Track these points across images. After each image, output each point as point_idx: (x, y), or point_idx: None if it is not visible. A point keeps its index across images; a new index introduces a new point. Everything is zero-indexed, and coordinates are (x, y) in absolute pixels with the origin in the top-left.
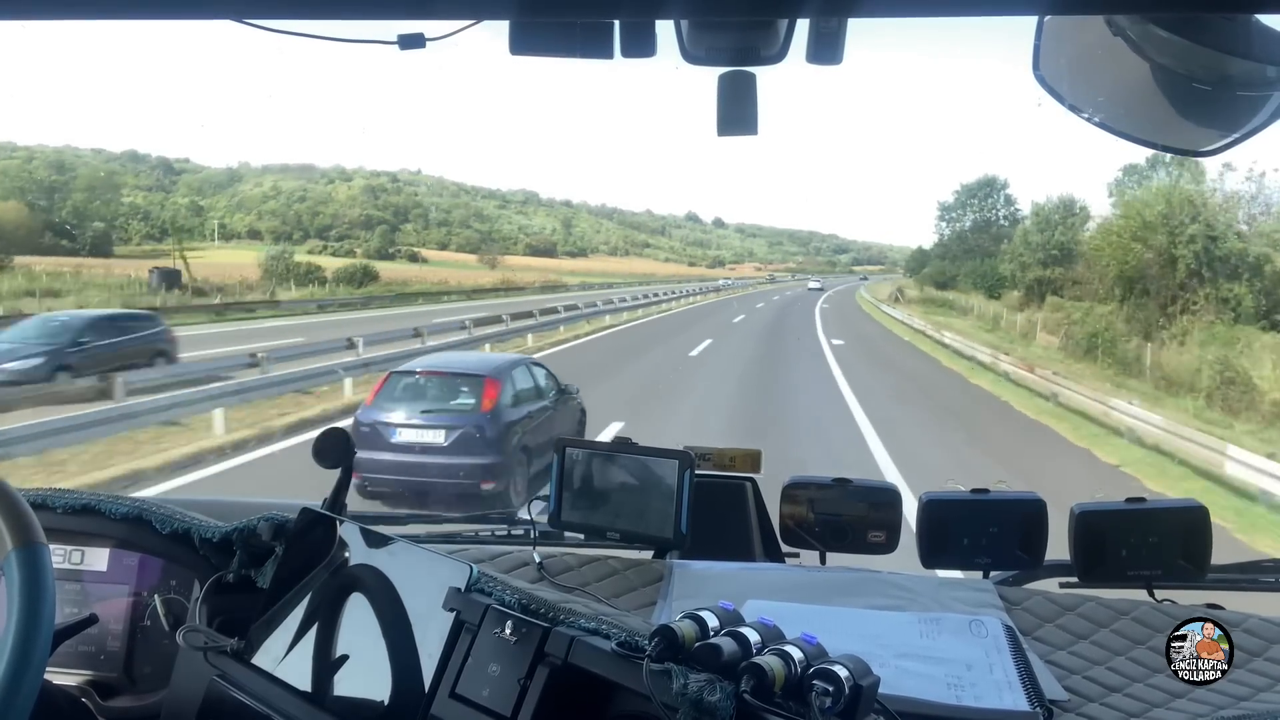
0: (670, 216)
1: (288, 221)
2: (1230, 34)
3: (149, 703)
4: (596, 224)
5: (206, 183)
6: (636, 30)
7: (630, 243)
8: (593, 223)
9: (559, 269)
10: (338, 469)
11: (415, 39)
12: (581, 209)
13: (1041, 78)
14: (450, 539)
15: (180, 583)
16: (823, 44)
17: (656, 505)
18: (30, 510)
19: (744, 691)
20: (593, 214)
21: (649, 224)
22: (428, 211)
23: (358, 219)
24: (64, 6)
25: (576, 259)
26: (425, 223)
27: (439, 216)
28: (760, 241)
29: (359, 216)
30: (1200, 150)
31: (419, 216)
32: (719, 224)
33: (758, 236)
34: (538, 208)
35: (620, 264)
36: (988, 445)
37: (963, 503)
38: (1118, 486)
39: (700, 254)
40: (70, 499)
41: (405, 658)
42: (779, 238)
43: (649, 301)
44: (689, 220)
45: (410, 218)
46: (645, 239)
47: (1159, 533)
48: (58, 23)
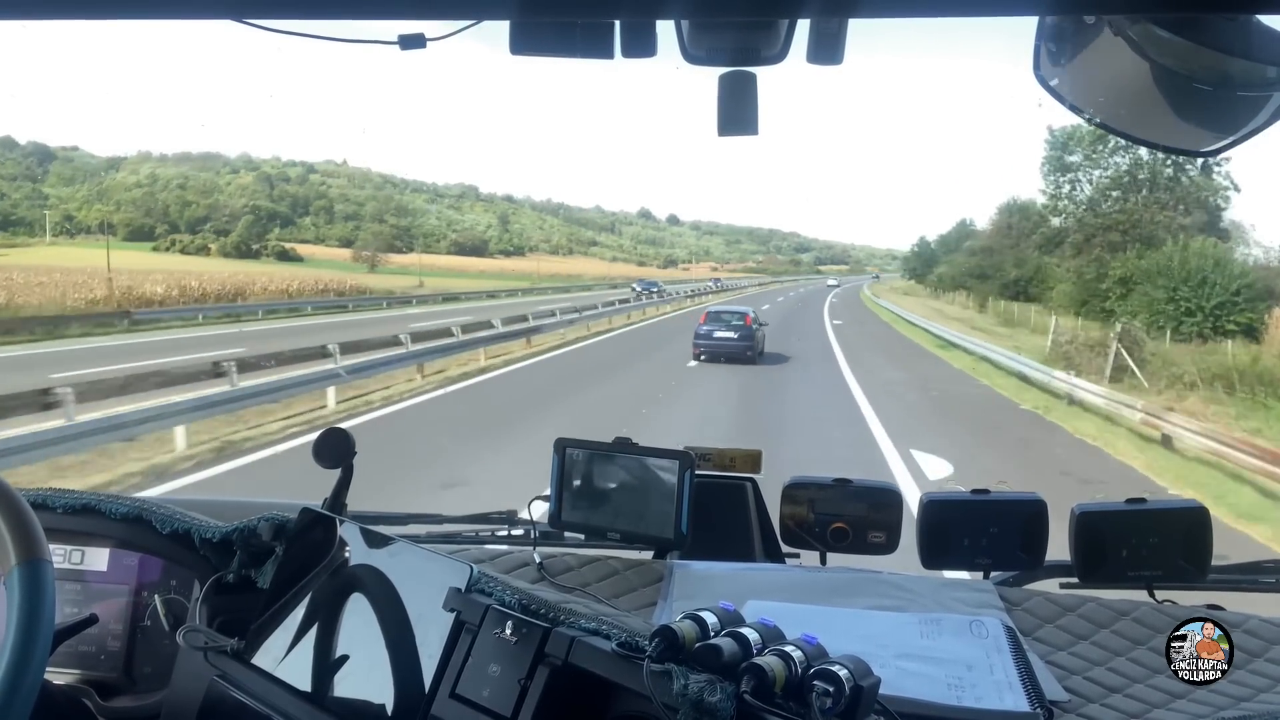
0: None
1: (152, 214)
2: (1231, 34)
3: (149, 703)
4: (540, 220)
5: (80, 171)
6: (637, 30)
7: (575, 240)
8: (535, 219)
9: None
10: (337, 469)
11: (415, 39)
12: (524, 204)
13: (1042, 78)
14: (450, 539)
15: (180, 583)
16: (823, 44)
17: (657, 505)
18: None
19: (744, 692)
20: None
21: (598, 220)
22: (332, 204)
23: (240, 210)
24: (64, 6)
25: (512, 258)
26: (329, 216)
27: (347, 210)
28: (717, 240)
29: (243, 208)
30: (1201, 150)
31: (322, 209)
32: (674, 221)
33: (715, 234)
34: (475, 202)
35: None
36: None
37: (963, 503)
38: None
39: (652, 252)
40: (70, 499)
41: (405, 658)
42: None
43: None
44: (641, 217)
45: (312, 210)
46: (593, 236)
47: (1159, 533)
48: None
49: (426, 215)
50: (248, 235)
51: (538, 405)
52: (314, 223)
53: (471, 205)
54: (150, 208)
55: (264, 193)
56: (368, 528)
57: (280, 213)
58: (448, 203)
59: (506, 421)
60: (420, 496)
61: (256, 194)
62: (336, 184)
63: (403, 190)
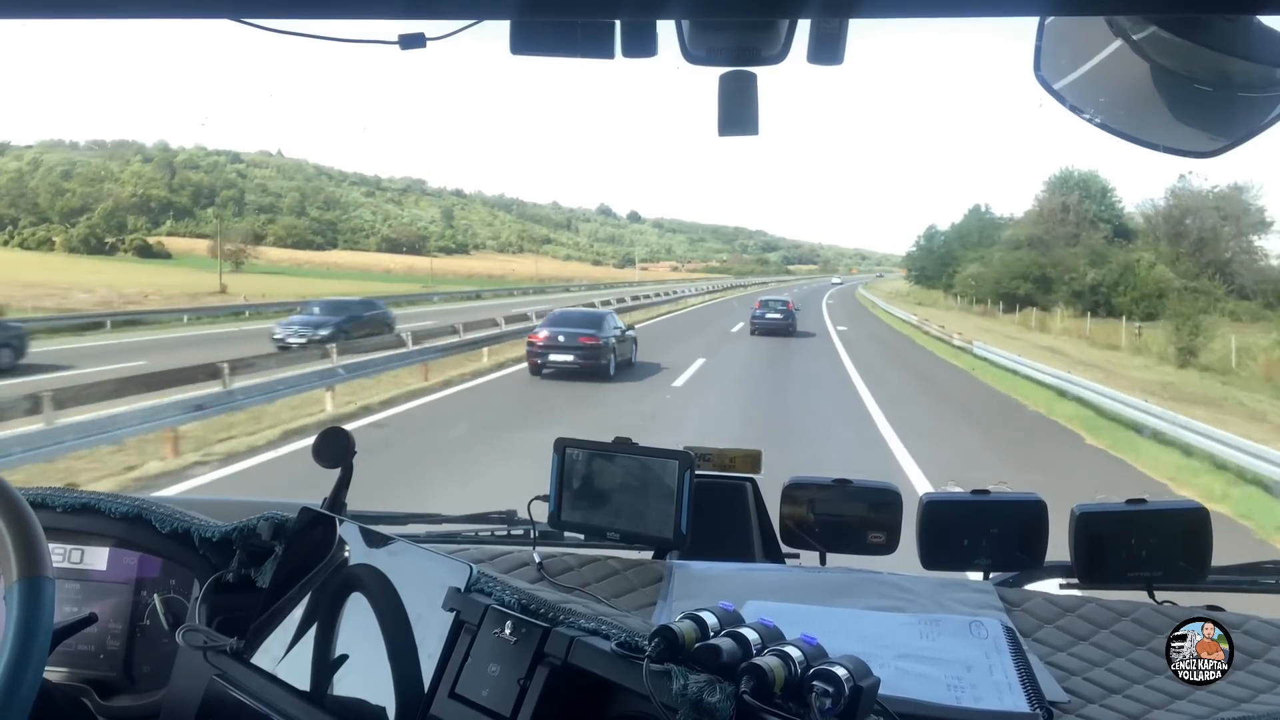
0: (579, 209)
1: (18, 203)
2: (1231, 35)
3: (148, 702)
4: (490, 215)
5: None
6: (637, 30)
7: (527, 238)
8: (484, 214)
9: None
10: (337, 469)
11: (416, 39)
12: (475, 199)
13: (1043, 79)
14: (450, 539)
15: (180, 582)
16: (823, 44)
17: (656, 505)
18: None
19: (744, 692)
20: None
21: (553, 217)
22: (243, 194)
23: (129, 200)
24: (64, 6)
25: (454, 256)
26: (238, 208)
27: (261, 201)
28: (680, 238)
29: (131, 198)
30: (1202, 151)
31: (230, 200)
32: (635, 218)
33: (678, 232)
34: (420, 197)
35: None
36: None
37: (963, 504)
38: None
39: (610, 251)
40: (70, 498)
41: (405, 658)
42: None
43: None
44: (601, 214)
45: (218, 201)
46: (547, 233)
47: (1159, 534)
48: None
49: (361, 209)
50: (104, 228)
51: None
52: (217, 214)
53: (417, 200)
54: (19, 195)
55: (162, 181)
56: (367, 527)
57: (177, 203)
58: (388, 196)
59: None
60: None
61: (153, 183)
62: (262, 174)
63: (339, 183)
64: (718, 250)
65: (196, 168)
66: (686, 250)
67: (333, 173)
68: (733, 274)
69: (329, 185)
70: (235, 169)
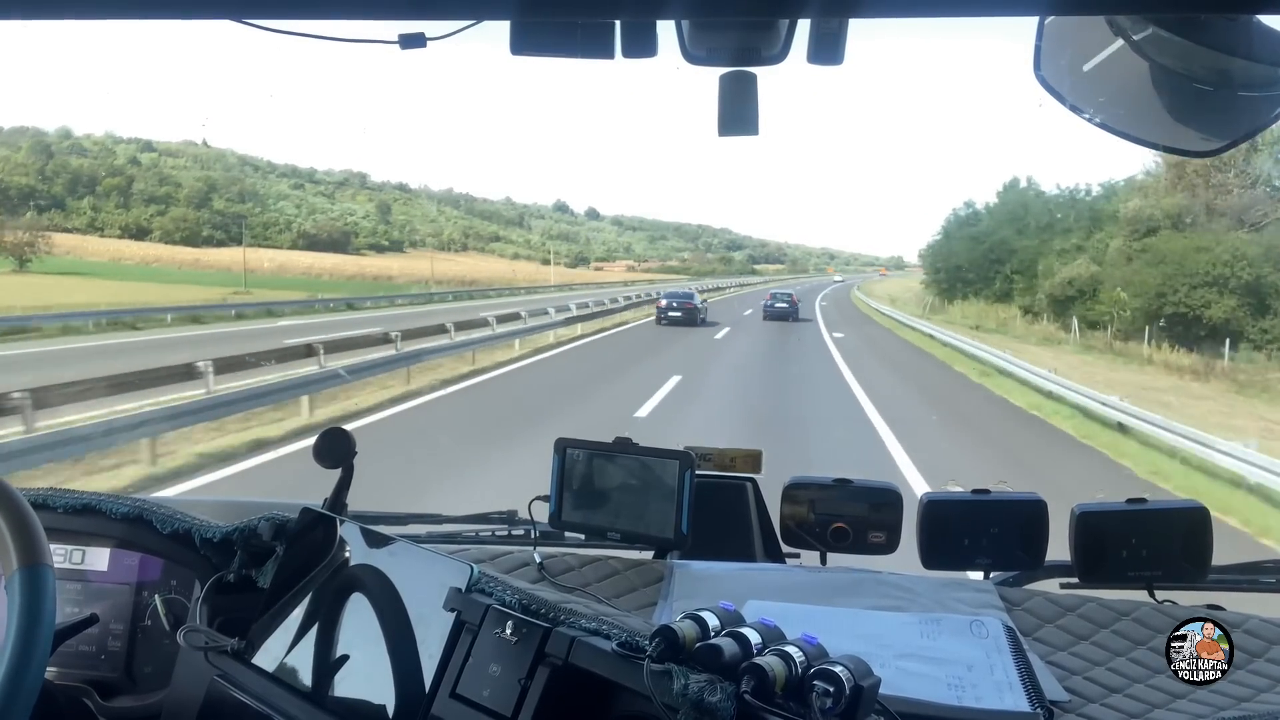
0: (534, 205)
1: None
2: (1231, 34)
3: (149, 703)
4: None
5: None
6: (637, 30)
7: (472, 235)
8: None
9: (334, 268)
10: (338, 469)
11: (416, 39)
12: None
13: (1043, 79)
14: (451, 539)
15: (181, 582)
16: (824, 44)
17: (657, 505)
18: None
19: (745, 692)
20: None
21: (505, 213)
22: (130, 183)
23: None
24: (64, 6)
25: (385, 255)
26: (123, 199)
27: (153, 191)
28: (640, 236)
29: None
30: (1202, 151)
31: (115, 189)
32: (593, 215)
33: (638, 230)
34: (359, 191)
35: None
36: None
37: (963, 503)
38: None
39: (563, 249)
40: (71, 499)
41: (405, 658)
42: (663, 231)
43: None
44: (557, 210)
45: (100, 190)
46: (496, 230)
47: (1160, 533)
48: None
49: (282, 202)
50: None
51: None
52: (94, 205)
53: (354, 194)
54: None
55: (32, 168)
56: (368, 528)
57: (45, 192)
58: (320, 190)
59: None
60: None
61: (19, 169)
62: (173, 164)
63: (266, 174)
64: (679, 249)
65: (84, 153)
66: (646, 249)
67: (259, 163)
68: (690, 274)
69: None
70: (147, 157)
